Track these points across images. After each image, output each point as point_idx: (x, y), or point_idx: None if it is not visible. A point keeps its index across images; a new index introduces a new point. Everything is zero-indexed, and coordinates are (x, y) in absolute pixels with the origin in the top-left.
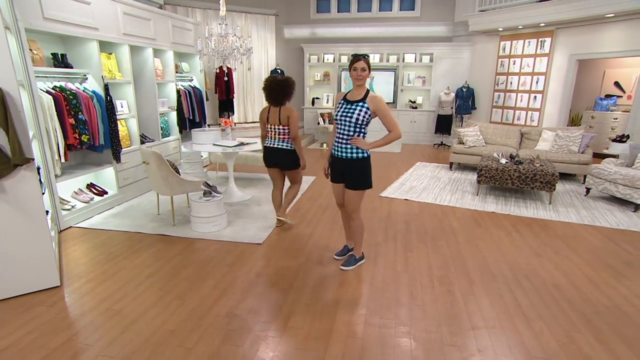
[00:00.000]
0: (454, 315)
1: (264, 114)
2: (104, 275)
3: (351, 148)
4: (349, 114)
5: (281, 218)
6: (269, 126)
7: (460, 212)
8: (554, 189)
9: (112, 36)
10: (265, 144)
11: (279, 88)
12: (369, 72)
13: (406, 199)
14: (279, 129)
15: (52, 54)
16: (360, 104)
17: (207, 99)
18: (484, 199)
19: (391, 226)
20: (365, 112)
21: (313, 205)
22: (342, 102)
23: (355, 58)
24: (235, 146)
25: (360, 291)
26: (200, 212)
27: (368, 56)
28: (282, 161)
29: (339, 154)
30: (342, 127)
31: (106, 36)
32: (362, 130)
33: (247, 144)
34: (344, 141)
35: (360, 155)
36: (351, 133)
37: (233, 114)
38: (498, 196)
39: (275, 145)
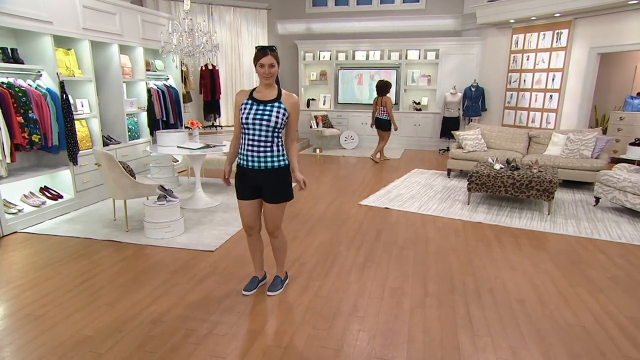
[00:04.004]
0: (394, 327)
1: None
2: (35, 281)
3: (271, 156)
4: (265, 117)
5: (377, 160)
6: (378, 107)
7: (442, 221)
8: (552, 198)
9: (70, 31)
10: (376, 116)
11: (383, 86)
12: (278, 67)
13: (386, 208)
14: (382, 108)
15: (0, 48)
16: (276, 104)
17: (190, 100)
18: (475, 209)
19: (360, 236)
20: (283, 114)
21: None
22: (250, 102)
23: (261, 52)
24: (200, 148)
25: (301, 300)
26: (153, 218)
27: (276, 48)
28: (382, 126)
29: (254, 164)
30: (257, 131)
31: (62, 30)
32: (280, 134)
33: (214, 146)
34: (261, 148)
35: (281, 163)
36: (269, 138)
37: (219, 116)
38: (492, 205)
39: (380, 117)
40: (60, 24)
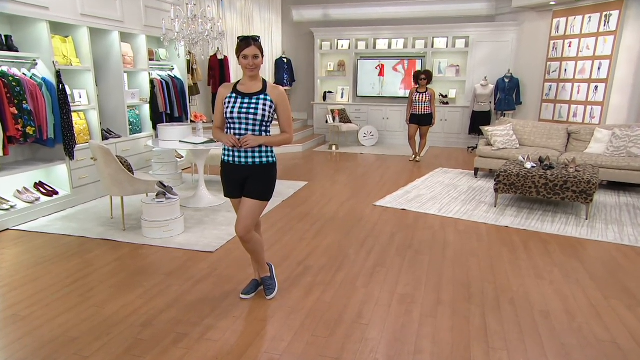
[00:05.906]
0: (400, 337)
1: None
2: (23, 280)
3: (259, 151)
4: (252, 110)
5: (418, 159)
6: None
7: (465, 225)
8: (591, 200)
9: (67, 17)
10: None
11: (427, 75)
12: (262, 58)
13: (404, 209)
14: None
15: None
16: (262, 96)
17: (197, 92)
18: (502, 212)
19: (372, 238)
20: (270, 106)
21: (291, 212)
22: (234, 95)
23: (244, 42)
24: (203, 143)
25: (302, 305)
26: (151, 216)
27: (259, 38)
28: (423, 120)
29: (240, 159)
30: (243, 125)
31: (59, 17)
32: (267, 129)
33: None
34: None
35: (270, 160)
36: (256, 133)
37: None
38: (522, 208)
39: (422, 113)
40: (57, 10)
